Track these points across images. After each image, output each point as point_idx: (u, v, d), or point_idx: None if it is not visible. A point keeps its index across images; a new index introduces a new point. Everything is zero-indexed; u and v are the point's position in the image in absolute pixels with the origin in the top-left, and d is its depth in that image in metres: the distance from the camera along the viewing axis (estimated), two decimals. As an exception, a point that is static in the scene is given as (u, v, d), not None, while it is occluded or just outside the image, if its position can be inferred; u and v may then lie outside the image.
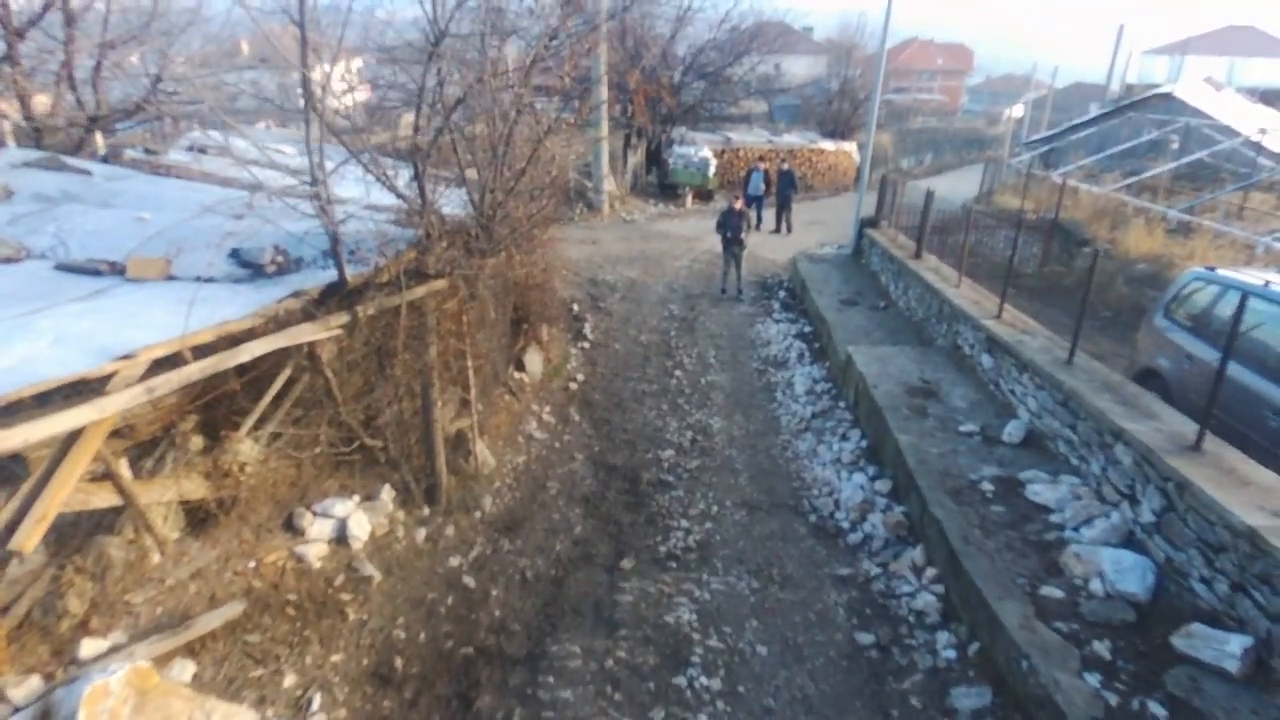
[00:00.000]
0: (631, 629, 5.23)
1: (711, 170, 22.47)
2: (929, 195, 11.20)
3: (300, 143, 8.63)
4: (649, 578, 5.83)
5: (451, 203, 6.47)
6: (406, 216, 5.62)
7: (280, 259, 5.17)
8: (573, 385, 9.57)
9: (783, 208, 18.79)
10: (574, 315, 11.91)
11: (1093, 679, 4.04)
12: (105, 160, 7.53)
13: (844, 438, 8.01)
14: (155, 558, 4.49)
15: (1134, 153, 19.30)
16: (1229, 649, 4.05)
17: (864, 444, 7.73)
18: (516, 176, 6.21)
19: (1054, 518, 5.57)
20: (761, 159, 20.18)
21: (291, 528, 5.21)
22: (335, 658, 4.62)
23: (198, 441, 4.76)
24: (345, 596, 5.02)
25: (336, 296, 5.01)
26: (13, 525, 3.49)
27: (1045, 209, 15.38)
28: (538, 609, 5.44)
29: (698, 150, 22.65)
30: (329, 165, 4.94)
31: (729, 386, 9.78)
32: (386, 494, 5.87)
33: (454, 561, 5.80)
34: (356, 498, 5.63)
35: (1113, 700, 3.90)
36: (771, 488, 7.29)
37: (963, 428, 6.98)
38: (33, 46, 7.39)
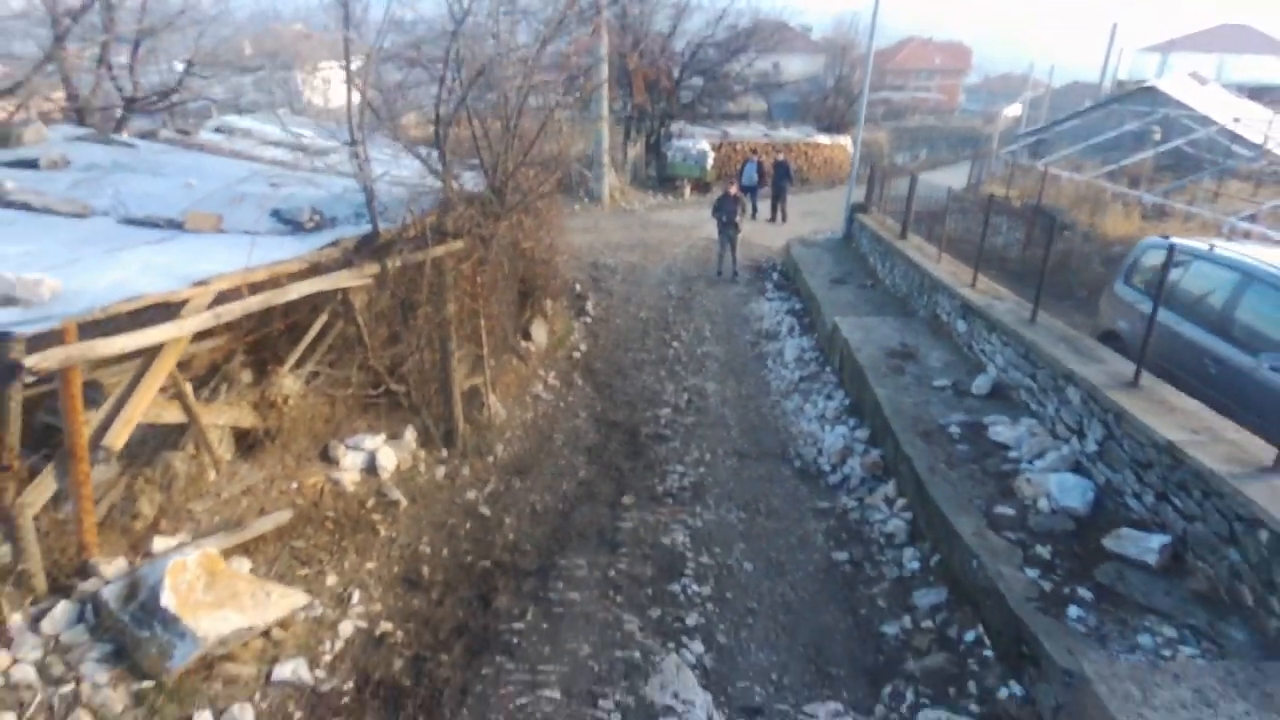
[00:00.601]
0: (631, 548, 5.84)
1: (709, 163, 23.10)
2: (913, 179, 11.83)
3: (315, 127, 9.24)
4: (647, 510, 6.44)
5: (466, 182, 7.09)
6: (429, 180, 6.23)
7: (317, 217, 5.77)
8: (576, 354, 10.18)
9: (778, 198, 19.42)
10: (576, 294, 12.51)
11: (1032, 572, 4.65)
12: (143, 138, 8.15)
13: (829, 397, 8.62)
14: (212, 475, 5.10)
15: (1120, 144, 19.91)
16: (1150, 545, 4.66)
17: (847, 402, 8.35)
18: (526, 149, 6.83)
19: (1012, 453, 6.18)
20: (754, 150, 20.80)
21: (327, 458, 5.82)
22: (370, 565, 5.23)
23: (247, 376, 5.37)
24: (376, 517, 5.63)
25: (369, 248, 5.62)
26: (104, 427, 4.10)
27: (1030, 197, 15.98)
28: (547, 534, 6.04)
29: (696, 143, 23.28)
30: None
31: (723, 356, 10.40)
32: (409, 434, 6.48)
33: (470, 495, 6.40)
34: (383, 435, 6.24)
35: (1047, 587, 4.50)
36: (760, 439, 7.90)
37: (936, 383, 7.59)
38: (76, 32, 7.99)
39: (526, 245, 8.85)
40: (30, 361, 3.40)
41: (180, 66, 8.70)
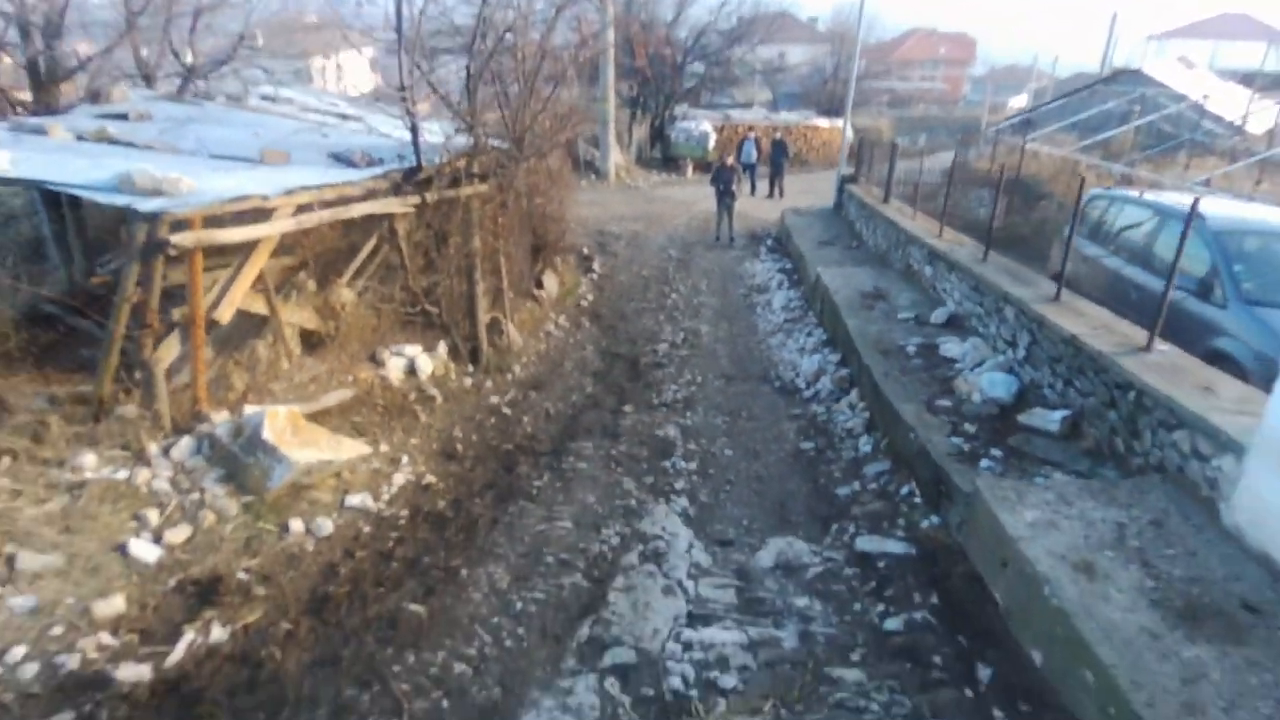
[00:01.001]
0: (630, 437, 6.92)
1: (711, 144, 24.11)
2: (894, 147, 12.82)
3: (347, 100, 10.27)
4: (645, 414, 7.52)
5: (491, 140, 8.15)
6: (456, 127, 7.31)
7: (367, 158, 6.84)
8: (583, 303, 11.25)
9: (776, 174, 20.44)
10: (584, 256, 13.56)
11: (957, 440, 5.69)
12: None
13: (809, 334, 9.68)
14: (285, 364, 6.21)
15: (1103, 123, 20.78)
16: (1053, 418, 5.71)
17: (824, 337, 9.40)
18: (542, 106, 7.89)
19: (957, 365, 7.21)
20: (752, 128, 21.82)
21: (374, 360, 6.91)
22: (414, 440, 6.32)
23: (311, 285, 6.46)
24: (417, 407, 6.72)
25: (412, 180, 6.69)
26: (214, 304, 5.20)
27: (1011, 170, 16.89)
28: (559, 429, 7.12)
29: (698, 125, 24.29)
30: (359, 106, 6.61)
31: (717, 305, 11.46)
32: (442, 348, 7.56)
33: (494, 400, 7.49)
34: (420, 347, 7.32)
35: (966, 449, 5.55)
36: (746, 367, 8.97)
37: (901, 316, 8.63)
38: (148, 9, 9.08)
39: (539, 200, 9.92)
40: (174, 239, 4.49)
41: (189, 58, 9.78)
